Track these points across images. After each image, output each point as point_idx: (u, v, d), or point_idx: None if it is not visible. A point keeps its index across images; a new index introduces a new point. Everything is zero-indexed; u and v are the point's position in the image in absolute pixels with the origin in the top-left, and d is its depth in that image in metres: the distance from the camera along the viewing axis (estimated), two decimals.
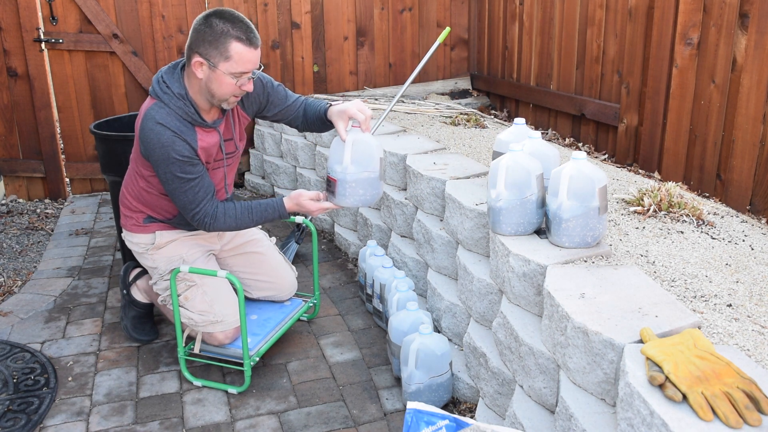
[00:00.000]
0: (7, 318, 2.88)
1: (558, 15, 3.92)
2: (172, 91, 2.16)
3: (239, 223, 2.27)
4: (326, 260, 3.45)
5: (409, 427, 1.51)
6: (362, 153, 2.15)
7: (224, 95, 2.16)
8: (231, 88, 2.14)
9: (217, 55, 2.08)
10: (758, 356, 1.40)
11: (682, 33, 2.93)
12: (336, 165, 2.15)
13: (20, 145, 4.30)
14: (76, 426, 2.20)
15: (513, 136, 2.28)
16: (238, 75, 2.11)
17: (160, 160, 2.14)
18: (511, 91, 4.55)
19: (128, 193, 2.43)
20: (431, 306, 2.56)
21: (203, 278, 2.37)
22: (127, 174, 2.44)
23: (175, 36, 4.43)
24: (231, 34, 2.06)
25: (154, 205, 2.39)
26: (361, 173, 2.15)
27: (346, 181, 2.14)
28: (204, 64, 2.10)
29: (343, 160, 2.13)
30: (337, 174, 2.15)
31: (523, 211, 1.95)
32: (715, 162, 2.81)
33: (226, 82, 2.12)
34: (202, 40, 2.08)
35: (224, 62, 2.08)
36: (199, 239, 2.49)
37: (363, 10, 4.70)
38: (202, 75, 2.13)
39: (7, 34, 4.10)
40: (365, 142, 2.16)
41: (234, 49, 2.07)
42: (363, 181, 2.16)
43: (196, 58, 2.10)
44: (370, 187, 2.18)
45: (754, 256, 1.94)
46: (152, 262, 2.44)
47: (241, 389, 2.35)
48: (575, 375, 1.53)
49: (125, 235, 2.49)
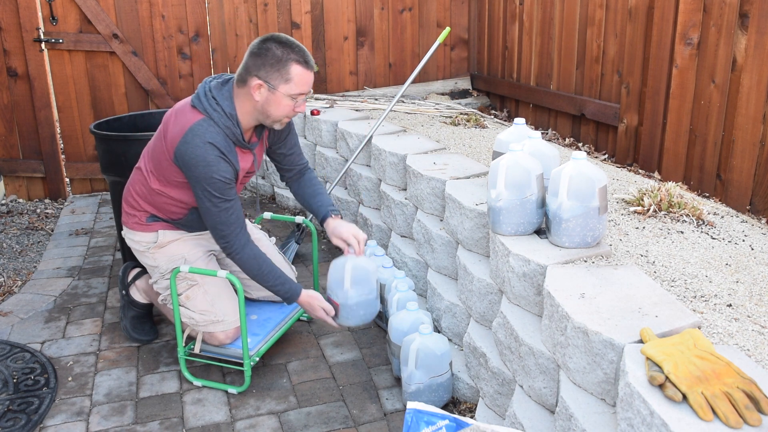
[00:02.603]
0: (7, 318, 2.88)
1: (558, 15, 3.92)
2: (223, 110, 2.19)
3: (257, 273, 2.29)
4: (326, 260, 3.44)
5: (409, 427, 1.51)
6: (361, 277, 2.27)
7: (280, 116, 2.23)
8: (287, 110, 2.21)
9: (277, 77, 2.14)
10: (758, 356, 1.40)
11: (682, 33, 2.93)
12: (338, 290, 2.27)
13: (20, 145, 4.30)
14: (76, 426, 2.20)
15: (513, 136, 2.28)
16: (296, 96, 2.19)
17: (201, 177, 2.15)
18: (511, 91, 4.55)
19: (135, 192, 2.41)
20: (431, 306, 2.56)
21: (205, 278, 2.37)
22: (136, 172, 2.43)
23: (175, 36, 4.43)
24: (291, 58, 2.14)
25: (162, 208, 2.38)
26: (360, 296, 2.27)
27: (348, 305, 2.27)
28: (263, 87, 2.16)
29: (344, 286, 2.26)
30: (339, 298, 2.27)
31: (523, 211, 1.95)
32: (715, 162, 2.81)
33: (284, 104, 2.19)
34: (262, 63, 2.14)
35: (284, 84, 2.15)
36: (201, 239, 2.49)
37: (363, 10, 4.70)
38: (260, 97, 2.18)
39: (7, 34, 4.11)
40: (362, 267, 2.28)
41: (294, 72, 2.15)
42: (363, 302, 2.28)
43: (255, 81, 2.15)
44: (368, 306, 2.31)
45: (754, 256, 1.94)
46: (153, 260, 2.43)
47: (241, 389, 2.35)
48: (575, 375, 1.53)
49: (126, 233, 2.48)
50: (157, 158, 2.29)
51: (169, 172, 2.26)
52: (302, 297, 2.34)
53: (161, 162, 2.27)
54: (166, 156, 2.24)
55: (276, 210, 4.13)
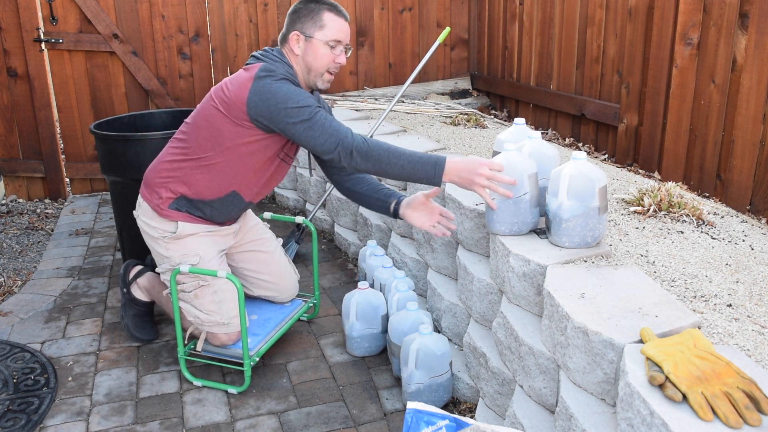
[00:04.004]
0: (7, 318, 2.88)
1: (558, 15, 3.92)
2: (283, 60, 2.26)
3: (388, 159, 2.09)
4: (326, 260, 3.45)
5: (409, 427, 1.51)
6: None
7: (321, 67, 2.27)
8: (327, 59, 2.26)
9: (312, 25, 2.24)
10: (758, 356, 1.40)
11: (682, 33, 2.93)
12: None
13: (20, 145, 4.30)
14: (76, 426, 2.20)
15: (513, 136, 2.28)
16: (333, 44, 2.25)
17: (289, 95, 2.11)
18: (511, 91, 4.55)
19: (169, 168, 2.32)
20: (431, 306, 2.56)
21: (215, 278, 2.36)
22: (173, 149, 2.34)
23: (175, 36, 4.43)
24: (323, 7, 2.25)
25: (200, 185, 2.30)
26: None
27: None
28: (301, 38, 2.25)
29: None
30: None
31: (516, 210, 1.95)
32: (715, 162, 2.81)
33: (321, 52, 2.25)
34: (296, 18, 2.26)
35: (319, 31, 2.24)
36: (217, 236, 2.44)
37: (363, 10, 4.70)
38: (299, 50, 2.26)
39: (7, 34, 4.11)
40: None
41: (327, 18, 2.24)
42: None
43: (293, 34, 2.25)
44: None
45: (754, 256, 1.94)
46: (165, 250, 2.36)
47: (241, 389, 2.35)
48: (575, 375, 1.53)
49: (141, 215, 2.39)
50: (211, 122, 2.23)
51: (234, 133, 2.20)
52: (448, 160, 2.04)
53: (221, 126, 2.21)
54: (238, 111, 2.17)
55: (276, 210, 4.13)
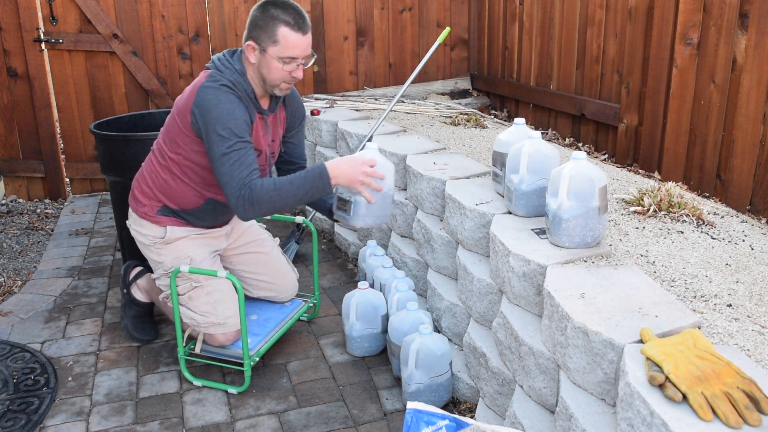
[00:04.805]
0: (7, 318, 2.88)
1: (558, 15, 3.92)
2: (233, 66, 2.21)
3: (279, 195, 2.11)
4: (326, 260, 3.45)
5: (409, 427, 1.51)
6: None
7: (274, 80, 2.21)
8: (281, 74, 2.19)
9: (266, 38, 2.15)
10: (758, 356, 1.40)
11: (682, 33, 2.93)
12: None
13: (20, 145, 4.30)
14: (76, 426, 2.20)
15: (513, 136, 2.28)
16: (287, 60, 2.16)
17: (219, 118, 2.09)
18: (511, 91, 4.55)
19: (150, 179, 2.37)
20: (431, 306, 2.56)
21: (208, 279, 2.36)
22: (151, 159, 2.39)
23: (175, 36, 4.43)
24: (280, 19, 2.13)
25: (176, 196, 2.33)
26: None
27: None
28: (256, 48, 2.17)
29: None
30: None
31: (383, 204, 2.13)
32: (715, 162, 2.81)
33: (275, 67, 2.17)
34: (255, 25, 2.16)
35: (272, 46, 2.15)
36: (208, 238, 2.47)
37: (363, 10, 4.70)
38: (255, 59, 2.19)
39: (7, 34, 4.11)
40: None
41: (281, 34, 2.13)
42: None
43: (249, 42, 2.18)
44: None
45: (754, 256, 1.94)
46: (158, 256, 2.40)
47: (241, 389, 2.35)
48: (575, 375, 1.53)
49: (132, 224, 2.44)
50: (171, 133, 2.26)
51: (187, 142, 2.22)
52: (330, 165, 2.12)
53: (177, 135, 2.24)
54: (185, 121, 2.19)
55: None
